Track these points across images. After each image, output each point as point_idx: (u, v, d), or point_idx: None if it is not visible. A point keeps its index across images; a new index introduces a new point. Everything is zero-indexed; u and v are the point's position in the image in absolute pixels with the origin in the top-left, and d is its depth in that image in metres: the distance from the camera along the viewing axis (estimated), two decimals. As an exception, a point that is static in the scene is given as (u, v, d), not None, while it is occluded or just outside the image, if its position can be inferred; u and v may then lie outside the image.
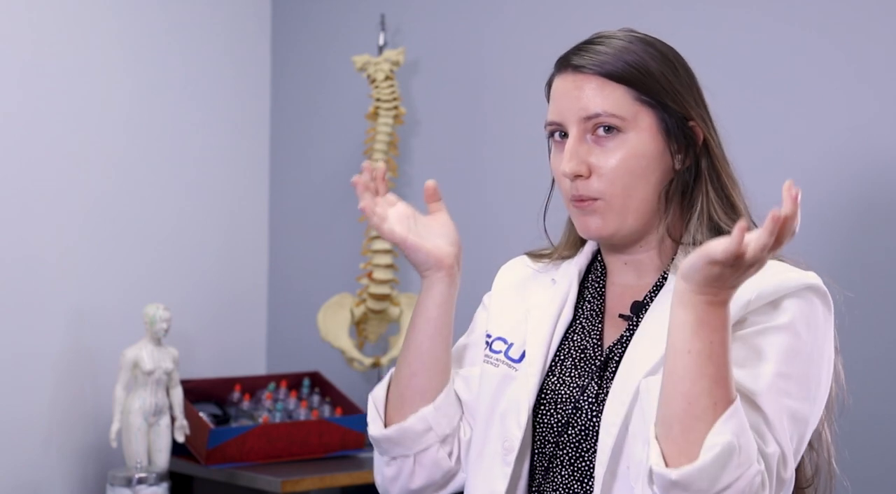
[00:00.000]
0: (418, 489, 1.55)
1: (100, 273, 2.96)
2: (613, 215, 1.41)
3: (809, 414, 1.33)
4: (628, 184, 1.40)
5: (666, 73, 1.42)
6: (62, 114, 2.91)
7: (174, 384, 2.71)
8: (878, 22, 2.20)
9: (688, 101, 1.43)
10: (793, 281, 1.35)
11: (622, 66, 1.40)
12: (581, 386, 1.43)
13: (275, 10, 3.39)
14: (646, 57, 1.42)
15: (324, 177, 3.24)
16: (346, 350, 2.92)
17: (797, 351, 1.32)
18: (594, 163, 1.40)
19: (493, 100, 2.86)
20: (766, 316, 1.33)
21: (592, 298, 1.50)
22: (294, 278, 3.31)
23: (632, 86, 1.40)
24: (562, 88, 1.44)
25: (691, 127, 1.43)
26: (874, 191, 2.18)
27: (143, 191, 3.05)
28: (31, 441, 2.82)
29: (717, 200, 1.42)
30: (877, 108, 2.18)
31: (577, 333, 1.48)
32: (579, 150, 1.41)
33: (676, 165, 1.43)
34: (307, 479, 2.62)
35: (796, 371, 1.31)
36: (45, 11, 2.88)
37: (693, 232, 1.42)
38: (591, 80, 1.41)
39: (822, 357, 1.35)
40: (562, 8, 2.73)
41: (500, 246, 2.84)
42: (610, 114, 1.39)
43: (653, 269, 1.46)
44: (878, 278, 2.16)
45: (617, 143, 1.40)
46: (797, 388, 1.31)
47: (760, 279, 1.30)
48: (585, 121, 1.41)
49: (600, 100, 1.40)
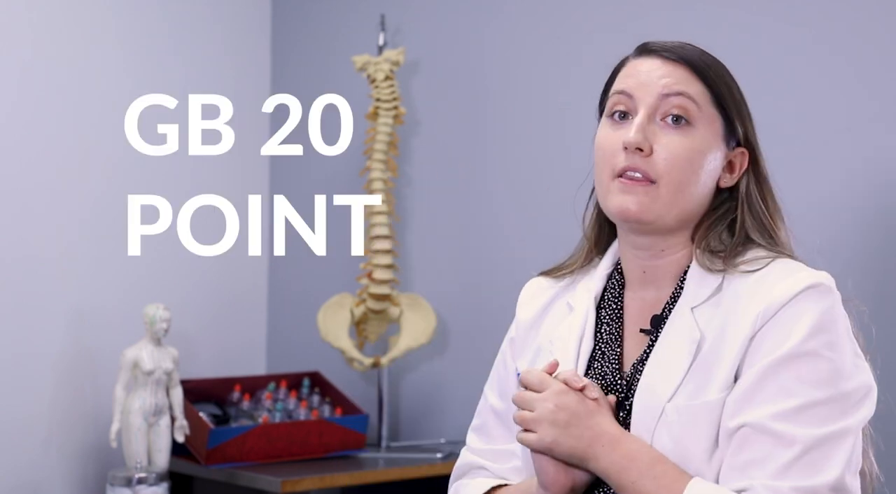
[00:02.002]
0: None
1: (100, 273, 2.96)
2: (661, 203, 1.39)
3: (854, 422, 1.31)
4: (684, 177, 1.38)
5: (737, 92, 1.44)
6: (62, 113, 2.90)
7: (174, 384, 2.71)
8: (877, 22, 2.20)
9: (746, 122, 1.44)
10: (792, 288, 1.33)
11: (706, 69, 1.41)
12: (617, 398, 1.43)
13: (275, 10, 3.39)
14: (723, 71, 1.43)
15: (324, 177, 3.23)
16: (346, 350, 2.92)
17: (819, 370, 1.30)
18: (657, 147, 1.38)
19: (493, 100, 2.86)
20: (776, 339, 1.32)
21: (610, 320, 1.48)
22: (294, 278, 3.31)
23: (712, 87, 1.41)
24: (643, 66, 1.42)
25: (741, 152, 1.44)
26: (874, 191, 2.18)
27: (143, 190, 3.05)
28: (31, 441, 2.82)
29: (753, 222, 1.42)
30: (877, 108, 2.18)
31: (598, 360, 1.47)
32: (648, 127, 1.39)
33: (721, 182, 1.43)
34: (307, 479, 2.62)
35: (826, 394, 1.30)
36: (44, 11, 2.88)
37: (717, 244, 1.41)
38: (678, 67, 1.41)
39: (844, 353, 1.32)
40: (562, 8, 2.73)
41: (500, 246, 2.85)
42: (691, 98, 1.39)
43: (670, 278, 1.44)
44: (878, 278, 2.16)
45: (685, 133, 1.39)
46: (832, 410, 1.29)
47: (768, 289, 1.32)
48: (664, 98, 1.39)
49: (685, 84, 1.39)
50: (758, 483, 1.26)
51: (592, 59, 2.63)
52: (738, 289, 1.37)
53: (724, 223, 1.43)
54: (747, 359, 1.33)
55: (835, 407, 1.29)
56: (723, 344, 1.35)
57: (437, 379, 2.98)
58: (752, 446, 1.28)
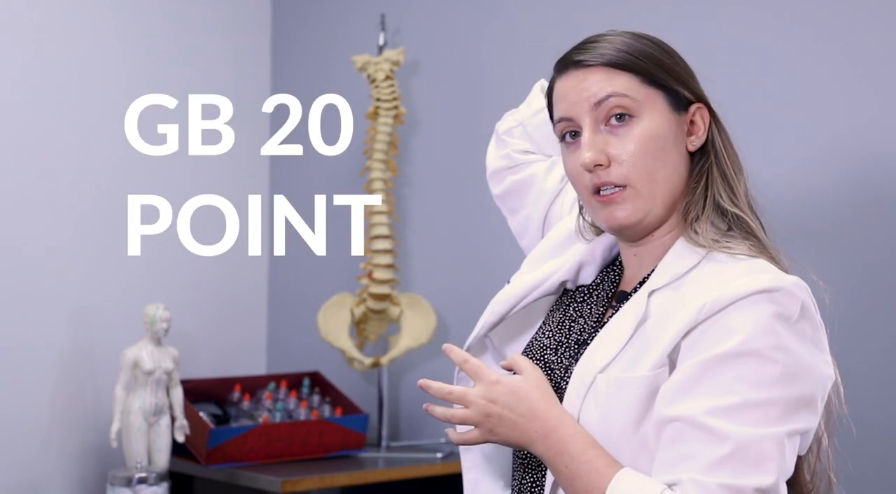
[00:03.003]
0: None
1: (100, 272, 2.96)
2: (641, 201, 1.40)
3: (793, 428, 1.29)
4: (650, 167, 1.39)
5: (665, 59, 1.44)
6: (61, 111, 2.91)
7: (174, 384, 2.71)
8: (877, 22, 2.20)
9: (689, 82, 1.45)
10: (745, 288, 1.31)
11: (624, 56, 1.41)
12: (566, 365, 1.45)
13: (275, 10, 3.39)
14: (642, 47, 1.43)
15: (324, 177, 3.24)
16: (346, 350, 2.92)
17: (759, 372, 1.28)
18: (612, 153, 1.39)
19: (493, 100, 2.86)
20: (720, 335, 1.30)
21: (607, 284, 1.52)
22: (294, 278, 3.31)
23: (637, 72, 1.41)
24: (567, 85, 1.44)
25: (697, 108, 1.44)
26: (874, 191, 2.18)
27: (143, 190, 3.05)
28: (31, 440, 2.82)
29: (723, 184, 1.42)
30: (877, 108, 2.18)
31: (584, 316, 1.50)
32: (596, 140, 1.40)
33: (689, 147, 1.44)
34: (307, 479, 2.62)
35: (765, 395, 1.28)
36: (44, 11, 2.88)
37: (698, 212, 1.42)
38: (596, 71, 1.41)
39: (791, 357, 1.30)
40: (561, 8, 2.73)
41: (500, 245, 2.85)
42: (621, 94, 1.39)
43: (656, 258, 1.45)
44: (878, 278, 2.16)
45: (631, 128, 1.40)
46: (770, 412, 1.27)
47: (723, 282, 1.31)
48: (597, 107, 1.40)
49: (608, 85, 1.40)
50: (686, 477, 1.26)
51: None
52: (701, 275, 1.37)
53: (701, 183, 1.44)
54: (685, 349, 1.32)
55: (773, 409, 1.27)
56: (664, 324, 1.35)
57: (437, 379, 2.97)
58: (684, 440, 1.28)
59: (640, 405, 1.32)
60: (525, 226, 1.79)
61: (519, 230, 1.81)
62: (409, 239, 3.05)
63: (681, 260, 1.40)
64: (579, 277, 1.55)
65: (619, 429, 1.33)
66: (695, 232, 1.40)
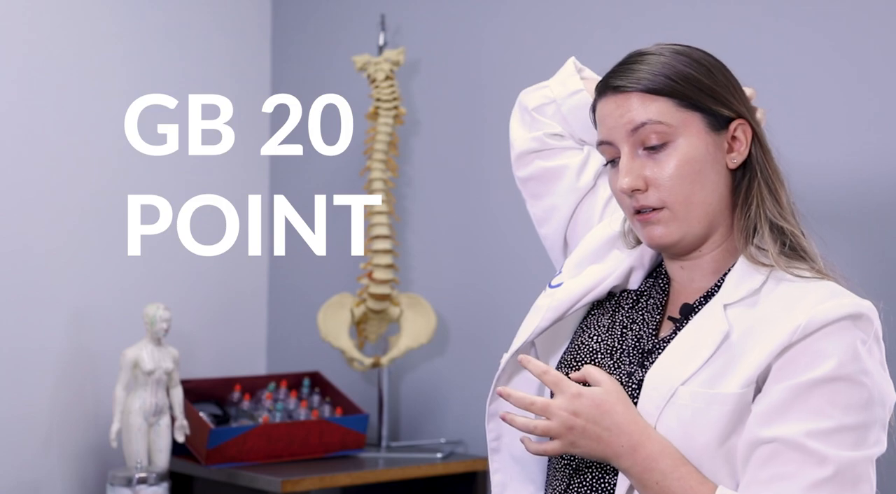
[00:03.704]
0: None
1: (100, 273, 2.96)
2: (678, 223, 1.42)
3: (879, 450, 1.34)
4: (687, 190, 1.41)
5: (703, 77, 1.44)
6: (61, 112, 2.91)
7: (174, 384, 2.71)
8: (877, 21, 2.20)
9: (729, 100, 1.45)
10: (834, 313, 1.34)
11: (661, 80, 1.42)
12: (629, 373, 1.45)
13: (275, 10, 3.39)
14: (680, 66, 1.44)
15: (324, 177, 3.24)
16: (346, 350, 2.92)
17: (851, 396, 1.32)
18: (650, 176, 1.42)
19: (493, 100, 2.86)
20: (811, 359, 1.33)
21: (658, 293, 1.52)
22: (294, 278, 3.31)
23: (672, 97, 1.42)
24: (606, 110, 1.46)
25: (739, 125, 1.44)
26: (873, 191, 2.18)
27: (143, 190, 3.05)
28: (31, 441, 2.82)
29: (770, 199, 1.44)
30: (877, 108, 2.18)
31: (638, 323, 1.50)
32: (633, 165, 1.42)
33: (730, 164, 1.45)
34: (307, 479, 2.62)
35: (859, 419, 1.32)
36: (44, 11, 2.88)
37: (756, 229, 1.43)
38: (633, 97, 1.43)
39: (876, 381, 1.35)
40: (561, 8, 2.73)
41: (500, 246, 2.85)
42: (656, 121, 1.41)
43: (710, 272, 1.47)
44: (878, 278, 2.16)
45: (668, 153, 1.41)
46: (863, 435, 1.32)
47: (812, 304, 1.34)
48: (633, 133, 1.42)
49: (644, 111, 1.42)
50: None
51: (592, 58, 2.63)
52: (778, 294, 1.39)
53: (752, 201, 1.45)
54: (776, 370, 1.34)
55: (865, 432, 1.32)
56: (751, 342, 1.36)
57: (437, 379, 2.98)
58: (781, 461, 1.30)
59: (728, 421, 1.34)
60: (549, 214, 1.76)
61: (541, 217, 1.78)
62: (409, 239, 3.05)
63: (749, 278, 1.41)
64: (628, 282, 1.55)
65: (703, 444, 1.34)
66: (758, 248, 1.42)
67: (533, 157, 1.77)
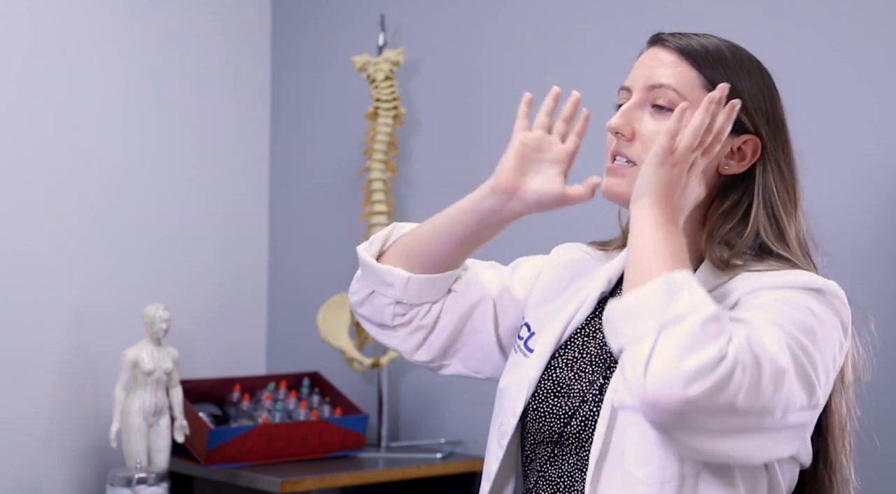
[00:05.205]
0: (362, 314, 1.63)
1: (100, 273, 2.96)
2: None
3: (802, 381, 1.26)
4: None
5: (742, 75, 1.43)
6: (62, 113, 2.91)
7: (174, 384, 2.71)
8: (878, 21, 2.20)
9: (755, 112, 1.43)
10: (792, 279, 1.34)
11: (702, 50, 1.42)
12: (591, 380, 1.44)
13: (275, 10, 3.39)
14: (728, 55, 1.44)
15: (324, 177, 3.24)
16: (346, 350, 2.92)
17: (798, 305, 1.29)
18: (641, 130, 1.41)
19: (493, 100, 2.86)
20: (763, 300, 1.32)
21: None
22: (294, 278, 3.31)
23: (703, 73, 1.41)
24: (642, 58, 1.47)
25: (750, 139, 1.42)
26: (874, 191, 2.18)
27: (143, 190, 3.05)
28: (31, 441, 2.82)
29: (767, 221, 1.41)
30: (877, 108, 2.18)
31: (601, 331, 1.47)
32: (632, 113, 1.42)
33: (721, 169, 1.42)
34: (307, 479, 2.62)
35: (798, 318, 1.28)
36: (44, 12, 2.88)
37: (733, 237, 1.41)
38: (670, 55, 1.43)
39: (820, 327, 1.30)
40: (561, 8, 2.73)
41: (500, 246, 2.84)
42: (673, 88, 1.41)
43: None
44: (878, 278, 2.16)
45: (668, 118, 1.38)
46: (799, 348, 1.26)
47: (763, 276, 1.33)
48: (650, 89, 1.42)
49: (670, 74, 1.42)
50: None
51: (592, 58, 2.64)
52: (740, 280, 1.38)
53: (736, 214, 1.43)
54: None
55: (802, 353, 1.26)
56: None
57: (436, 379, 2.98)
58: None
59: None
60: (479, 356, 1.62)
61: (473, 367, 1.63)
62: (409, 239, 3.05)
63: (713, 279, 1.39)
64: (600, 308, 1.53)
65: None
66: (723, 261, 1.39)
67: (429, 342, 1.61)
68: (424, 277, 1.57)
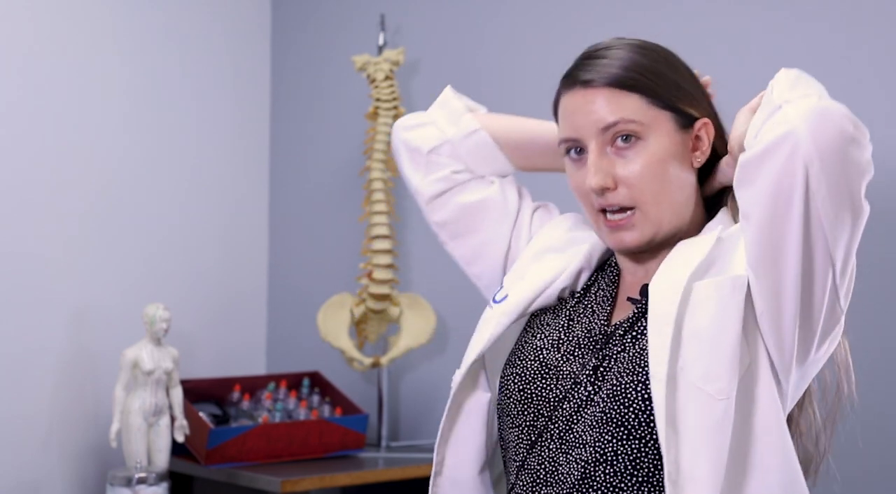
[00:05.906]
0: (404, 138, 1.74)
1: (100, 272, 2.96)
2: (649, 224, 1.41)
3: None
4: (656, 189, 1.40)
5: (671, 74, 1.43)
6: (62, 113, 2.91)
7: (174, 384, 2.71)
8: (878, 21, 2.20)
9: (696, 99, 1.45)
10: None
11: (631, 75, 1.40)
12: (582, 363, 1.43)
13: (275, 10, 3.39)
14: (649, 62, 1.42)
15: (324, 177, 3.24)
16: (346, 350, 2.92)
17: None
18: (619, 174, 1.40)
19: (493, 100, 2.85)
20: None
21: (607, 285, 1.51)
22: (294, 278, 3.31)
23: (643, 93, 1.40)
24: (573, 104, 1.43)
25: (703, 125, 1.44)
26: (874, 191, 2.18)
27: (143, 190, 3.05)
28: (31, 441, 2.82)
29: None
30: (878, 108, 2.18)
31: (587, 315, 1.48)
32: (602, 163, 1.40)
33: (695, 163, 1.45)
34: (307, 479, 2.62)
35: None
36: (44, 12, 2.88)
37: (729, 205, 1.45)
38: (602, 92, 1.41)
39: None
40: (560, 8, 2.73)
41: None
42: (628, 120, 1.39)
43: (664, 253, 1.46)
44: (879, 279, 2.16)
45: (637, 151, 1.40)
46: None
47: None
48: (603, 131, 1.40)
49: (615, 109, 1.40)
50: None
51: (592, 58, 2.63)
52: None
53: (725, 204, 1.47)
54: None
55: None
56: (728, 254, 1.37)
57: (437, 379, 2.98)
58: None
59: (744, 306, 1.32)
60: (481, 251, 1.69)
61: (468, 256, 1.71)
62: (409, 239, 3.05)
63: (730, 221, 1.44)
64: (577, 284, 1.55)
65: (733, 330, 1.30)
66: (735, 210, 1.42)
67: (447, 197, 1.70)
68: (490, 140, 1.62)
